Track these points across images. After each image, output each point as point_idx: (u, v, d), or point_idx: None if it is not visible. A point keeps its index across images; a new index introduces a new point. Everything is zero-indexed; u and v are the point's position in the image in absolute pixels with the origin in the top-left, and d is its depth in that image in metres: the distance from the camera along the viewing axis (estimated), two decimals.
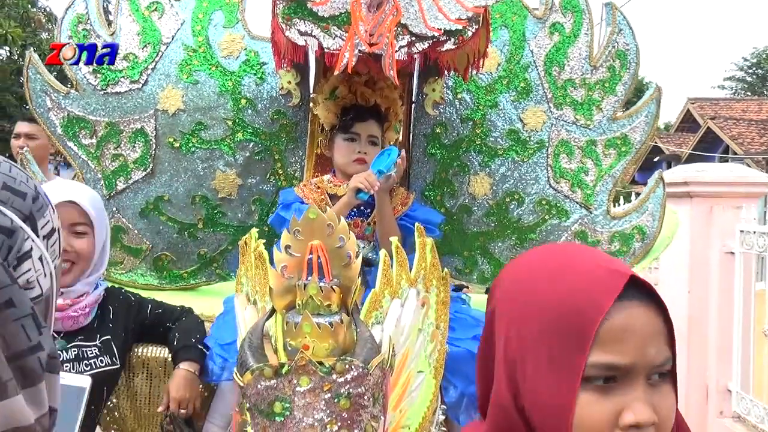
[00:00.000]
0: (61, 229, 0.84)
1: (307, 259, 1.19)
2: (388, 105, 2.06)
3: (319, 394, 1.07)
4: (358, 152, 1.98)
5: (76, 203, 1.54)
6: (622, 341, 0.71)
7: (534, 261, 0.84)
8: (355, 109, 2.02)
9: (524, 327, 0.77)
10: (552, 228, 2.35)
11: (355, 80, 2.01)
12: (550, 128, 2.33)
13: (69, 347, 1.57)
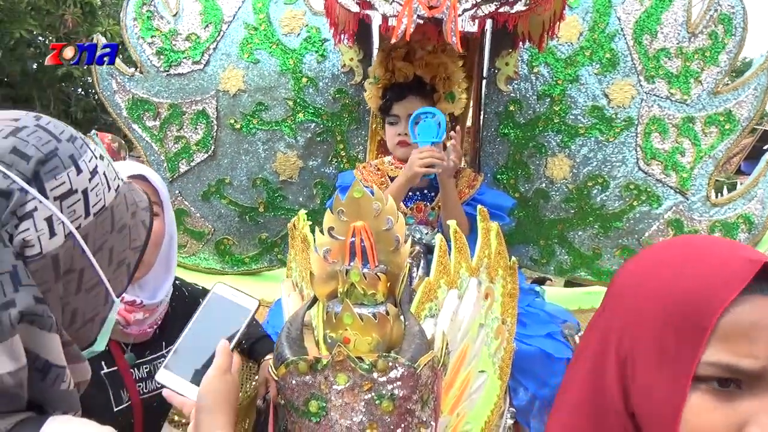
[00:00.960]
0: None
1: (350, 242, 1.07)
2: (434, 74, 1.87)
3: (358, 394, 0.95)
4: (398, 134, 1.83)
5: (147, 179, 1.32)
6: (750, 339, 0.59)
7: (659, 250, 0.72)
8: (392, 89, 1.87)
9: (639, 321, 0.67)
10: (641, 215, 2.11)
11: (391, 57, 1.86)
12: (640, 104, 2.08)
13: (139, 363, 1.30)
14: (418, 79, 1.86)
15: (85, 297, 0.70)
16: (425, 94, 1.81)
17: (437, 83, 1.83)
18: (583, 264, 2.18)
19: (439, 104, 1.83)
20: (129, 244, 0.76)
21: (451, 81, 1.83)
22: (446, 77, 1.83)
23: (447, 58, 1.80)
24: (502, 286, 1.39)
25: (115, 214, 0.72)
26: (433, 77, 1.85)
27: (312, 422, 0.97)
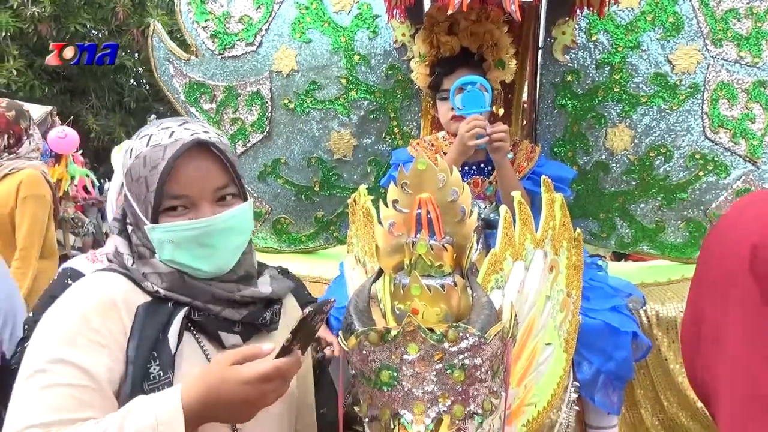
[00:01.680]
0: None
1: (416, 215, 1.06)
2: (480, 43, 1.82)
3: (429, 364, 0.95)
4: (451, 109, 1.79)
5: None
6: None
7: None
8: (440, 64, 1.84)
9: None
10: (708, 186, 2.03)
11: (434, 32, 1.83)
12: (707, 69, 1.99)
13: None
14: (465, 50, 1.83)
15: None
16: (474, 64, 1.78)
17: (485, 52, 1.80)
18: (646, 237, 2.12)
19: (489, 73, 1.80)
20: (147, 185, 0.96)
21: (499, 48, 1.79)
22: (493, 44, 1.79)
23: (492, 26, 1.76)
24: (566, 258, 1.36)
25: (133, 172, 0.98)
26: (480, 46, 1.81)
27: (383, 391, 0.97)
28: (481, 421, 0.98)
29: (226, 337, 1.00)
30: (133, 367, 0.91)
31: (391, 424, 0.96)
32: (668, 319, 1.75)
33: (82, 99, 10.08)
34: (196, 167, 0.96)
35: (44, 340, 0.90)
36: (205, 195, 0.97)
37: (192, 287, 0.97)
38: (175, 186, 0.95)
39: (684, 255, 2.10)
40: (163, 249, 0.97)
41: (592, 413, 1.65)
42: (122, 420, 0.82)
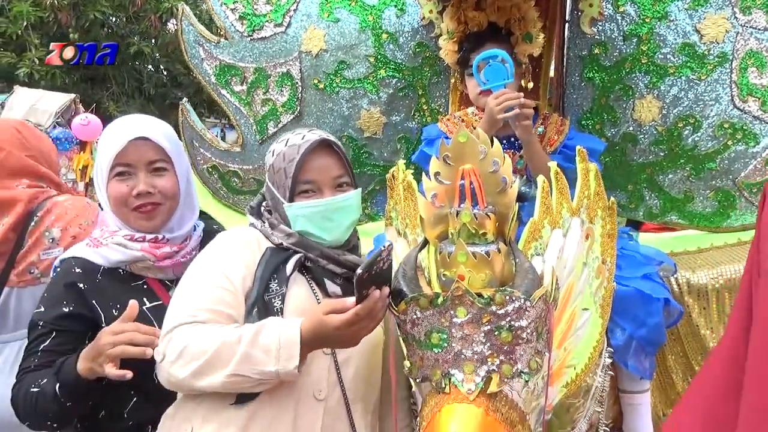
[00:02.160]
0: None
1: (459, 185, 1.11)
2: (507, 17, 1.84)
3: (478, 326, 1.00)
4: (479, 84, 1.80)
5: (149, 139, 1.39)
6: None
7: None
8: (467, 40, 1.86)
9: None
10: (737, 155, 2.04)
11: (462, 9, 1.84)
12: (735, 38, 1.98)
13: None
14: (492, 25, 1.85)
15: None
16: (501, 39, 1.80)
17: (512, 26, 1.81)
18: (674, 208, 2.13)
19: (517, 47, 1.82)
20: (285, 174, 1.29)
21: (526, 21, 1.81)
22: (520, 18, 1.81)
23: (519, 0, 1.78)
24: (601, 227, 1.40)
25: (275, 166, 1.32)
26: (507, 21, 1.83)
27: (434, 352, 1.03)
28: (528, 380, 1.03)
29: (329, 285, 1.27)
30: (259, 282, 1.21)
31: (442, 383, 1.01)
32: (699, 286, 1.78)
33: (102, 86, 10.19)
34: (320, 160, 1.29)
35: (203, 258, 1.27)
36: (327, 182, 1.29)
37: (307, 244, 1.28)
38: (306, 174, 1.28)
39: (713, 224, 2.11)
40: (296, 222, 1.28)
41: (625, 378, 1.69)
42: (255, 334, 1.10)
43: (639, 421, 1.71)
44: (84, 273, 1.34)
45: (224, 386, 1.10)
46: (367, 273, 1.02)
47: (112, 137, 1.39)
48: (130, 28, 9.75)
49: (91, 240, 1.41)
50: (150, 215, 1.39)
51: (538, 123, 1.84)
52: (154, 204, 1.39)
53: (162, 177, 1.41)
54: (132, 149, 1.37)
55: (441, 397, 1.01)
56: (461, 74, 1.91)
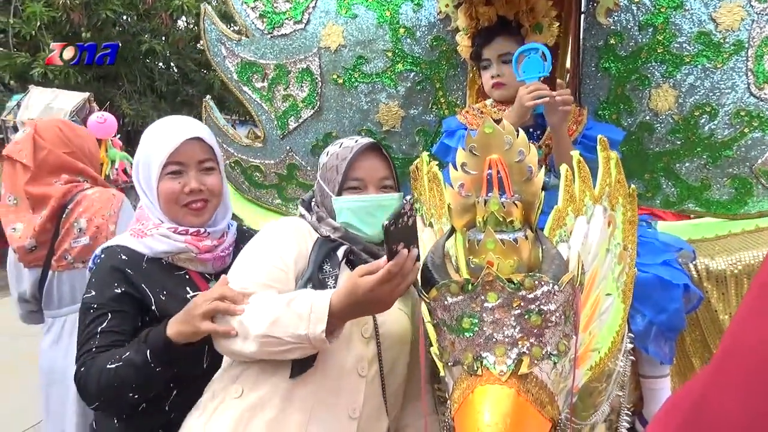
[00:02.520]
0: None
1: (486, 175, 1.14)
2: (516, 10, 1.88)
3: (508, 310, 1.04)
4: (492, 77, 1.88)
5: (201, 139, 1.49)
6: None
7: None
8: (479, 35, 1.91)
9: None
10: (753, 142, 2.05)
11: (473, 4, 1.88)
12: (751, 25, 2.00)
13: None
14: (502, 19, 1.88)
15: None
16: (511, 31, 1.84)
17: (521, 18, 1.85)
18: (691, 196, 2.16)
19: (527, 38, 1.85)
20: (337, 171, 1.42)
21: (535, 12, 1.84)
22: (529, 10, 1.84)
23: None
24: (622, 214, 1.43)
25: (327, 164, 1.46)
26: (516, 13, 1.86)
27: (466, 337, 1.07)
28: (556, 362, 1.07)
29: None
30: (313, 265, 1.32)
31: (474, 366, 1.05)
32: (718, 273, 1.81)
33: (114, 84, 10.28)
34: (369, 161, 1.42)
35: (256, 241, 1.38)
36: (374, 181, 1.42)
37: (353, 237, 1.39)
38: (355, 172, 1.41)
39: (730, 212, 2.13)
40: (341, 213, 1.40)
41: (646, 363, 1.73)
42: (290, 300, 1.19)
43: (658, 403, 1.75)
44: (129, 260, 1.41)
45: (260, 347, 1.18)
46: (393, 225, 1.09)
47: (164, 137, 1.46)
48: (141, 26, 9.83)
49: (134, 231, 1.47)
50: (200, 212, 1.48)
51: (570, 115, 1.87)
52: (203, 201, 1.48)
53: (210, 175, 1.50)
54: (184, 149, 1.45)
55: (473, 380, 1.05)
56: (476, 67, 1.95)
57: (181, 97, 11.24)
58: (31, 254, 2.10)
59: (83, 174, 2.22)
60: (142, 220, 1.49)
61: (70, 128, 2.27)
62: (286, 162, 2.34)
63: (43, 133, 2.16)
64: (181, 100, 11.39)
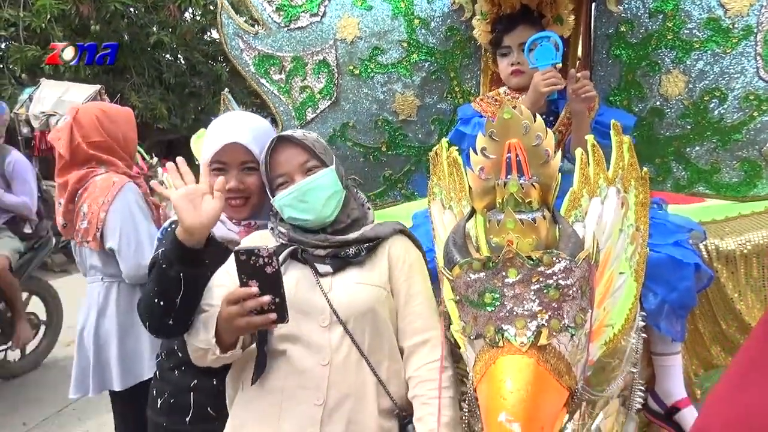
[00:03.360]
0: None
1: (506, 158, 1.20)
2: (538, 1, 1.93)
3: (528, 285, 1.10)
4: (511, 65, 1.94)
5: (240, 144, 1.58)
6: None
7: None
8: (500, 21, 1.95)
9: None
10: (763, 126, 2.09)
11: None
12: (760, 10, 2.03)
13: None
14: (525, 7, 1.93)
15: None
16: (533, 21, 1.89)
17: (543, 8, 1.90)
18: (702, 179, 2.21)
19: (548, 29, 1.90)
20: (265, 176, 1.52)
21: (557, 4, 1.89)
22: (552, 1, 1.89)
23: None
24: (635, 196, 1.49)
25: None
26: (540, 3, 1.91)
27: (487, 311, 1.14)
28: (573, 334, 1.13)
29: (320, 267, 1.44)
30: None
31: (495, 338, 1.12)
32: (727, 252, 1.86)
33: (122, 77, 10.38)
34: (283, 154, 1.47)
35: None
36: (296, 170, 1.46)
37: (296, 239, 1.46)
38: (276, 169, 1.47)
39: (739, 194, 2.18)
40: (284, 212, 1.48)
41: (658, 340, 1.78)
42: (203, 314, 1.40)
43: (671, 381, 1.81)
44: None
45: (196, 357, 1.40)
46: (244, 256, 1.20)
47: (212, 138, 1.61)
48: (148, 18, 9.90)
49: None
50: (239, 209, 1.62)
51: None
52: (243, 198, 1.62)
53: (251, 175, 1.61)
54: (226, 151, 1.58)
55: (495, 351, 1.12)
56: (493, 54, 2.00)
57: (188, 88, 11.33)
58: (65, 230, 2.43)
59: (106, 164, 2.34)
60: None
61: (108, 116, 2.40)
62: None
63: (82, 119, 2.33)
64: (189, 92, 11.48)
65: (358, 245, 1.47)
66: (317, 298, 1.42)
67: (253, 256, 1.20)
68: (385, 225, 1.55)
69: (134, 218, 2.25)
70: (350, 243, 1.47)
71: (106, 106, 2.44)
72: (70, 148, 2.30)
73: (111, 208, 2.22)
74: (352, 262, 1.46)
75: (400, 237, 1.56)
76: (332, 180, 1.47)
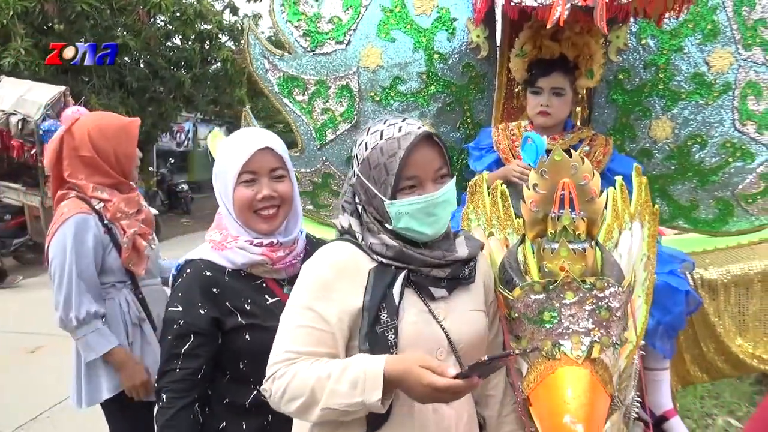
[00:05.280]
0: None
1: (560, 195, 1.38)
2: (577, 53, 2.14)
3: (583, 307, 1.28)
4: (540, 105, 2.13)
5: (272, 149, 1.53)
6: None
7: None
8: (539, 64, 2.14)
9: None
10: (736, 170, 2.38)
11: (541, 34, 2.13)
12: (738, 70, 2.33)
13: None
14: (563, 56, 2.13)
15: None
16: (568, 70, 2.09)
17: (580, 61, 2.11)
18: (682, 214, 2.47)
19: (579, 80, 2.12)
20: (386, 170, 1.23)
21: (593, 59, 2.11)
22: (589, 56, 2.11)
23: (591, 38, 2.07)
24: (648, 229, 1.70)
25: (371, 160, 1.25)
26: (577, 56, 2.12)
27: (545, 328, 1.31)
28: (615, 350, 1.32)
29: (435, 291, 1.26)
30: (368, 314, 1.20)
31: (552, 351, 1.29)
32: (710, 281, 2.12)
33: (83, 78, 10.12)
34: (423, 155, 1.23)
35: (299, 292, 1.26)
36: (430, 176, 1.24)
37: (409, 256, 1.24)
38: (410, 170, 1.22)
39: (713, 229, 2.46)
40: (399, 219, 1.24)
41: (651, 357, 2.00)
42: (343, 370, 1.12)
43: (660, 393, 2.04)
44: (213, 276, 1.48)
45: (320, 419, 1.15)
46: (489, 363, 1.07)
47: (237, 149, 1.52)
48: (114, 20, 9.72)
49: (214, 243, 1.54)
50: (271, 220, 1.53)
51: (585, 143, 2.14)
52: (275, 206, 1.52)
53: (282, 182, 1.54)
54: (257, 158, 1.50)
55: (552, 363, 1.28)
56: (524, 90, 2.19)
57: (149, 93, 11.14)
58: None
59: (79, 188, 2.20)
60: (221, 229, 1.57)
61: (102, 132, 2.20)
62: (322, 171, 2.53)
63: (75, 131, 2.18)
64: (150, 97, 11.30)
65: (464, 264, 1.31)
66: (433, 329, 1.25)
67: (495, 361, 1.08)
68: (471, 239, 1.40)
69: (67, 256, 2.05)
70: (465, 261, 1.31)
71: (106, 120, 2.26)
72: (53, 163, 2.18)
73: (52, 240, 2.08)
74: (463, 284, 1.32)
75: (482, 255, 1.44)
76: (454, 194, 1.29)
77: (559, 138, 2.15)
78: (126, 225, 2.21)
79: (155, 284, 2.36)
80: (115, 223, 2.19)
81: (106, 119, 2.29)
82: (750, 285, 2.09)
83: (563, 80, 2.06)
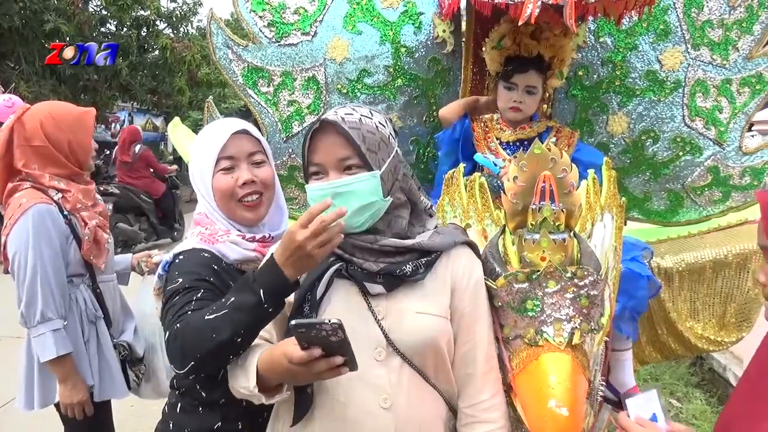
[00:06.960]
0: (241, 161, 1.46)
1: (541, 188, 1.42)
2: (553, 54, 2.20)
3: (564, 295, 1.33)
4: (513, 101, 2.19)
5: (248, 132, 1.49)
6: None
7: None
8: (517, 61, 2.19)
9: None
10: (685, 164, 2.51)
11: (520, 31, 2.18)
12: (687, 68, 2.45)
13: None
14: (539, 55, 2.18)
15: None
16: (542, 69, 2.15)
17: (554, 62, 2.17)
18: (636, 206, 2.59)
19: (549, 80, 2.18)
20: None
21: (564, 62, 2.17)
22: (562, 59, 2.17)
23: (566, 41, 2.14)
24: (615, 220, 1.78)
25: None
26: (552, 57, 2.18)
27: (528, 316, 1.35)
28: (595, 335, 1.38)
29: (371, 287, 1.22)
30: (295, 305, 1.22)
31: (535, 338, 1.33)
32: (666, 269, 2.24)
33: (9, 62, 9.57)
34: (324, 141, 1.22)
35: None
36: (333, 164, 1.21)
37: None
38: (313, 156, 1.23)
39: (665, 219, 2.59)
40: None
41: (616, 339, 2.10)
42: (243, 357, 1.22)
43: (624, 372, 2.14)
44: (212, 257, 1.42)
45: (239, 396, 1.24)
46: (303, 329, 1.02)
47: (212, 135, 1.48)
48: (44, 3, 9.21)
49: (203, 236, 1.46)
50: (255, 207, 1.49)
51: (551, 134, 2.20)
52: (257, 193, 1.48)
53: (261, 168, 1.50)
54: (233, 143, 1.46)
55: (534, 349, 1.33)
56: (495, 83, 2.24)
57: (83, 81, 10.63)
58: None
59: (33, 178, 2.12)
60: (205, 225, 1.50)
61: (55, 120, 2.14)
62: (288, 163, 2.51)
63: (26, 121, 2.11)
64: (83, 85, 10.79)
65: (414, 259, 1.24)
66: (370, 327, 1.22)
67: (314, 329, 1.01)
68: (444, 234, 1.33)
69: (30, 249, 1.99)
70: (404, 251, 1.24)
71: (59, 109, 2.18)
72: (2, 154, 2.08)
73: (11, 233, 2.02)
74: (409, 281, 1.24)
75: (464, 250, 1.35)
76: (371, 188, 1.21)
77: (527, 127, 2.22)
78: (86, 217, 2.15)
79: (111, 280, 2.30)
80: (75, 215, 2.12)
81: (58, 108, 2.20)
82: (702, 272, 2.23)
83: (537, 79, 2.12)
